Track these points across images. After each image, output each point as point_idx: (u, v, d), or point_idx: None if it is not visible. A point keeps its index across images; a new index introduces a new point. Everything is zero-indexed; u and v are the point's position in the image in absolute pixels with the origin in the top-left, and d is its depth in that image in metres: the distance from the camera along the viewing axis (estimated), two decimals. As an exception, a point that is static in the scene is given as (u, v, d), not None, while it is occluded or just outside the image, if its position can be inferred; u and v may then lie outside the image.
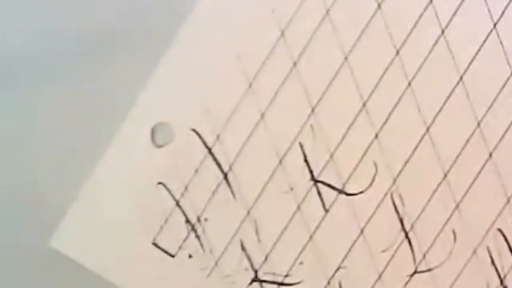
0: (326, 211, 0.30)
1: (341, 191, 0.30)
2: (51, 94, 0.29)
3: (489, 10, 0.29)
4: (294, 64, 0.29)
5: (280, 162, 0.29)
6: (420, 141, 0.29)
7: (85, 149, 0.29)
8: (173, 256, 0.30)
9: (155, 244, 0.30)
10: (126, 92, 0.29)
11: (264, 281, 0.30)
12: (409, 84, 0.29)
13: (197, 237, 0.30)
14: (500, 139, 0.29)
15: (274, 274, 0.30)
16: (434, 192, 0.29)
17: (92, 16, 0.29)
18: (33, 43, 0.29)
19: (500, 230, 0.30)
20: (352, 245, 0.30)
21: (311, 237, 0.30)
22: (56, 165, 0.29)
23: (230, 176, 0.29)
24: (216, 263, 0.30)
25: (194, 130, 0.29)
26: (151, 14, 0.29)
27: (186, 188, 0.29)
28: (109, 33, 0.29)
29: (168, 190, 0.29)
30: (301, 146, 0.29)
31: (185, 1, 0.29)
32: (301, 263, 0.30)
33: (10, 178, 0.30)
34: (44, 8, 0.29)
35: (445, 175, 0.29)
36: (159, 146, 0.29)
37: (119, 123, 0.29)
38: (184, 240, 0.30)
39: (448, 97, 0.29)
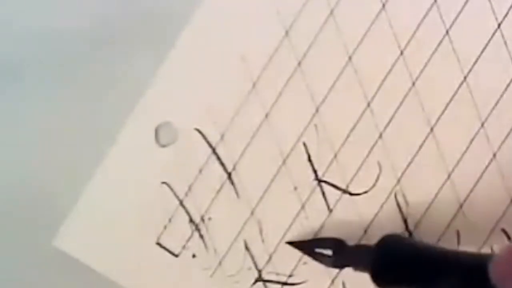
0: (330, 211, 0.30)
1: (345, 191, 0.30)
2: (54, 94, 0.29)
3: (493, 10, 0.29)
4: (299, 64, 0.29)
5: (284, 161, 0.29)
6: (424, 141, 0.29)
7: (89, 149, 0.29)
8: (177, 256, 0.30)
9: (159, 244, 0.30)
10: (130, 92, 0.29)
11: (268, 281, 0.30)
12: (413, 84, 0.29)
13: (201, 236, 0.30)
14: (504, 140, 0.29)
15: (277, 274, 0.30)
16: (438, 192, 0.29)
17: (99, 16, 0.29)
18: (35, 44, 0.29)
19: (504, 230, 0.30)
20: (356, 245, 0.30)
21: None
22: (59, 164, 0.29)
23: (234, 176, 0.29)
24: (219, 263, 0.30)
25: (198, 130, 0.29)
26: (155, 14, 0.29)
27: (190, 187, 0.29)
28: (115, 33, 0.29)
29: (172, 190, 0.29)
30: (305, 145, 0.29)
31: (189, 0, 0.29)
32: (305, 263, 0.30)
33: (13, 178, 0.30)
34: (45, 9, 0.29)
35: (449, 175, 0.29)
36: (163, 146, 0.29)
37: (123, 122, 0.29)
38: (188, 240, 0.30)
39: (452, 97, 0.29)
